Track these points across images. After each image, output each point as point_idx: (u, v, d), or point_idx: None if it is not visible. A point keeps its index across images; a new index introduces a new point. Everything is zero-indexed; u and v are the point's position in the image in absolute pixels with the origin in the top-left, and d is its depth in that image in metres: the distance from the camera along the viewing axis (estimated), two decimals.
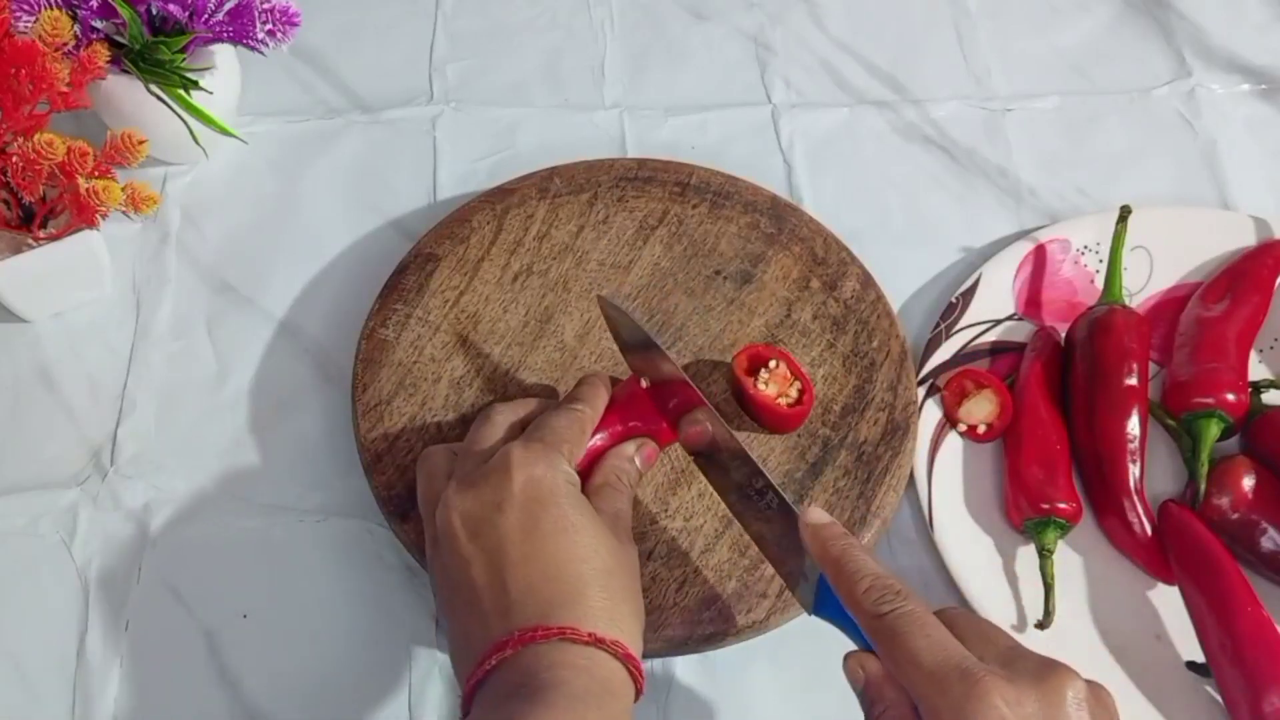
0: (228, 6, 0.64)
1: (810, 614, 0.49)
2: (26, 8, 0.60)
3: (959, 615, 0.44)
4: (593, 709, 0.42)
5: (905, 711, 0.41)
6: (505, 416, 0.54)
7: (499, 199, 0.67)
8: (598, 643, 0.44)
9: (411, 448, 0.58)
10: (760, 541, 0.53)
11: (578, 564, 0.46)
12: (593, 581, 0.46)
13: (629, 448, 0.54)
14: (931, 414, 0.62)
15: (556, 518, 0.47)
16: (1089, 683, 0.40)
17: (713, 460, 0.54)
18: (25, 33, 0.58)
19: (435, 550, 0.49)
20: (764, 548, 0.53)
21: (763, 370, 0.59)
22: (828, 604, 0.46)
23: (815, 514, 0.47)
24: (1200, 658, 0.55)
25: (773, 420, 0.59)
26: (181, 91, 0.65)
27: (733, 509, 0.55)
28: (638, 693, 0.45)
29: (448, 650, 0.50)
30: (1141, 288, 0.68)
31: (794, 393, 0.59)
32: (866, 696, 0.44)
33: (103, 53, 0.59)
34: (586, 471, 0.53)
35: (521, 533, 0.46)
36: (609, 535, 0.48)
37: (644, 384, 0.56)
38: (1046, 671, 0.40)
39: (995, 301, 0.66)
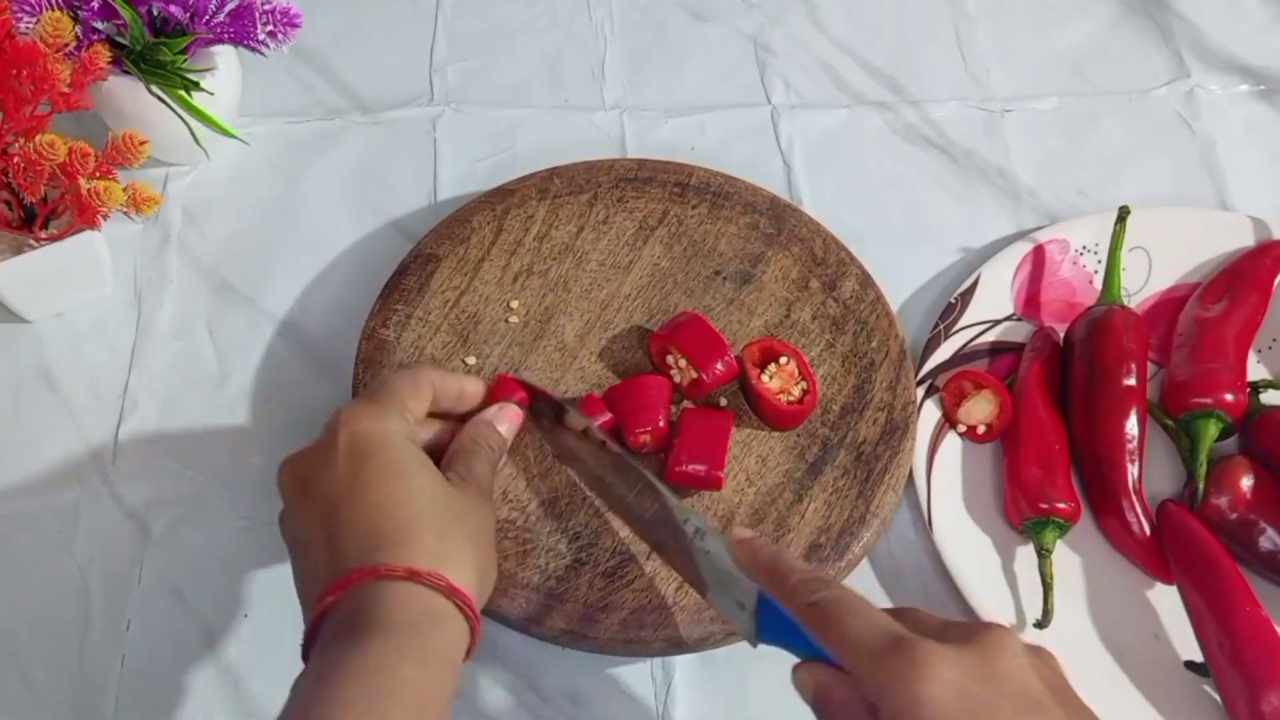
0: (229, 8, 0.64)
1: (755, 645, 0.48)
2: (28, 9, 0.60)
3: (889, 608, 0.44)
4: (409, 638, 0.41)
5: (858, 710, 0.41)
6: None
7: (499, 199, 0.68)
8: (413, 575, 0.43)
9: None
10: (673, 562, 0.53)
11: (403, 506, 0.45)
12: (418, 521, 0.45)
13: (489, 412, 0.54)
14: (931, 414, 0.62)
15: (382, 464, 0.46)
16: (1029, 644, 0.41)
17: (620, 479, 0.54)
18: (26, 34, 0.59)
19: (280, 522, 0.49)
20: (681, 570, 0.52)
21: (771, 364, 0.60)
22: (768, 628, 0.46)
23: (740, 531, 0.49)
24: (1199, 657, 0.55)
25: (771, 415, 0.59)
26: (182, 92, 0.65)
27: (643, 536, 0.55)
28: (473, 636, 0.45)
29: None
30: (1140, 288, 0.68)
31: (797, 392, 0.59)
32: (818, 704, 0.44)
33: (104, 54, 0.59)
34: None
35: (346, 481, 0.46)
36: (441, 483, 0.47)
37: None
38: (981, 632, 0.40)
39: (994, 302, 0.66)
